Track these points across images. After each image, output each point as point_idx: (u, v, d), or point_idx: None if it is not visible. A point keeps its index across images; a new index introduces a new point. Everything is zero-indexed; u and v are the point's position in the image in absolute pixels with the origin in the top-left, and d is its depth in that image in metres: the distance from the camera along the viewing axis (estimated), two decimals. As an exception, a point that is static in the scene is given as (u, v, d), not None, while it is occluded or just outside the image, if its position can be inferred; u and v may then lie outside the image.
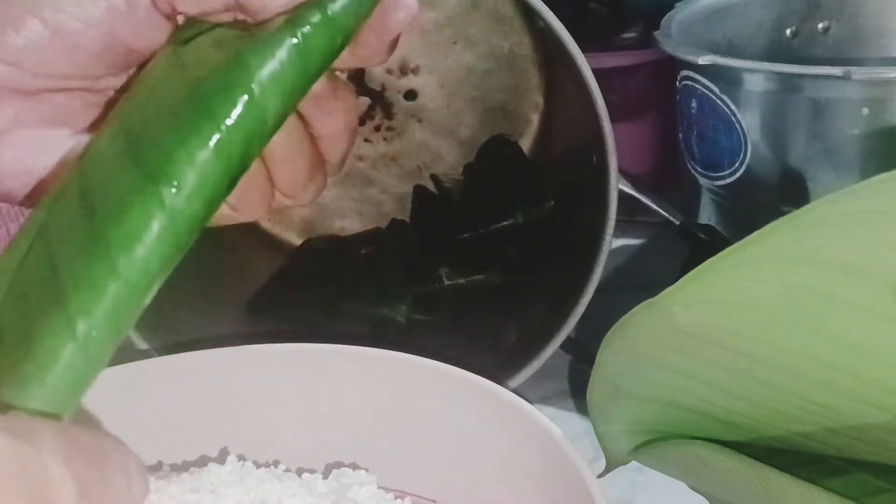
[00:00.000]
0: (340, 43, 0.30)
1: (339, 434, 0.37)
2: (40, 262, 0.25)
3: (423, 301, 0.55)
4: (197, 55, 0.30)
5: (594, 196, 0.46)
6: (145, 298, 0.25)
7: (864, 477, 0.27)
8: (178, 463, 0.37)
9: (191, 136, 0.26)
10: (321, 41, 0.29)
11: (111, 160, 0.27)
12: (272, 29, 0.29)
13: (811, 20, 0.62)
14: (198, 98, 0.27)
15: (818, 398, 0.26)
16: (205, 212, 0.26)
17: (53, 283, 0.24)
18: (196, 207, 0.26)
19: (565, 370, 0.51)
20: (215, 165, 0.26)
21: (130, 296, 0.25)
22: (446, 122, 0.64)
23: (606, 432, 0.33)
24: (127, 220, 0.25)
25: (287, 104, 0.29)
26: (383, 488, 0.35)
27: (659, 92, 0.62)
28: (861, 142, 0.47)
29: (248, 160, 0.28)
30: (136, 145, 0.27)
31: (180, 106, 0.27)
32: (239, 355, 0.37)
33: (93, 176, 0.27)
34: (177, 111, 0.27)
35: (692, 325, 0.27)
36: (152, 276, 0.25)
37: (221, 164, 0.27)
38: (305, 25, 0.28)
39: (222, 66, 0.28)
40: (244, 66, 0.28)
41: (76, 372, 0.24)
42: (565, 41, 0.42)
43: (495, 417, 0.34)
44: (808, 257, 0.24)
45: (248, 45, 0.28)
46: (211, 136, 0.26)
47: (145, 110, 0.28)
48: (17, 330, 0.24)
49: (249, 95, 0.27)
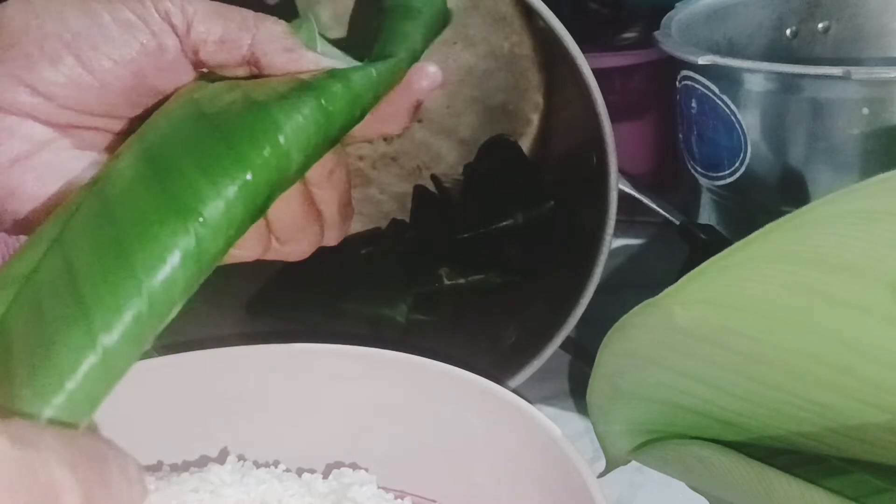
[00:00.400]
0: (359, 113, 0.32)
1: (339, 434, 0.37)
2: (57, 275, 0.26)
3: (423, 301, 0.55)
4: (211, 93, 0.31)
5: (594, 196, 0.46)
6: (165, 320, 0.26)
7: (864, 477, 0.27)
8: (178, 463, 0.37)
9: (219, 176, 0.27)
10: (342, 108, 0.31)
11: (135, 185, 0.28)
12: (295, 87, 0.30)
13: (811, 20, 0.62)
14: (224, 140, 0.28)
15: (818, 398, 0.26)
16: (225, 247, 0.28)
17: (74, 298, 0.25)
18: (219, 243, 0.27)
19: (565, 370, 0.51)
20: (240, 206, 0.28)
21: (152, 317, 0.26)
22: (446, 122, 0.64)
23: (606, 432, 0.33)
24: (154, 246, 0.26)
25: (308, 159, 0.30)
26: (383, 488, 0.35)
27: (659, 92, 0.62)
28: (861, 142, 0.47)
29: (268, 205, 0.29)
30: (162, 174, 0.28)
31: (206, 143, 0.28)
32: (239, 355, 0.38)
33: (115, 198, 0.28)
34: (203, 148, 0.28)
35: (692, 325, 0.27)
36: (173, 301, 0.26)
37: (246, 207, 0.28)
38: (328, 92, 0.30)
39: (246, 113, 0.29)
40: (272, 117, 0.29)
41: (95, 384, 0.25)
42: (565, 41, 0.42)
43: (495, 417, 0.34)
44: (808, 257, 0.24)
45: (273, 99, 0.30)
46: (238, 177, 0.28)
47: (167, 141, 0.29)
48: (31, 339, 0.25)
49: (275, 146, 0.29)
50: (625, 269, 0.61)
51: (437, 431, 0.35)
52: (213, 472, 0.34)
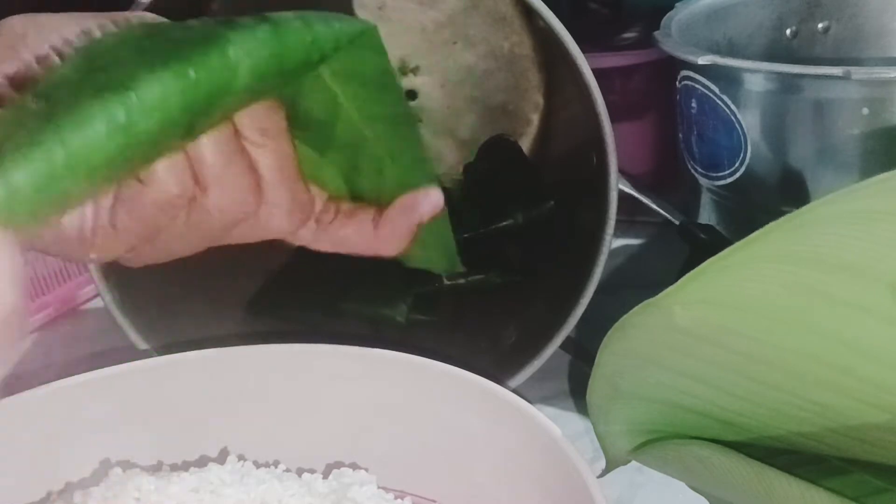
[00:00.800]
0: (318, 57, 0.31)
1: (339, 434, 0.37)
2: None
3: (423, 301, 0.55)
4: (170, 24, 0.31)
5: (594, 196, 0.46)
6: (87, 181, 0.26)
7: (864, 477, 0.27)
8: (178, 463, 0.37)
9: (158, 65, 0.27)
10: (299, 42, 0.30)
11: (72, 74, 0.27)
12: (255, 17, 0.30)
13: (811, 20, 0.62)
14: (172, 43, 0.29)
15: (818, 398, 0.26)
16: (159, 130, 0.27)
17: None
18: (151, 122, 0.27)
19: (565, 370, 0.51)
20: (177, 96, 0.27)
21: (68, 168, 0.25)
22: (446, 122, 0.64)
23: (606, 432, 0.33)
24: (81, 110, 0.26)
25: (258, 84, 0.30)
26: (383, 488, 0.35)
27: (659, 92, 0.62)
28: (861, 142, 0.47)
29: (210, 110, 0.29)
30: (100, 65, 0.28)
31: (153, 47, 0.29)
32: (239, 355, 0.38)
33: (51, 85, 0.27)
34: (149, 49, 0.28)
35: (692, 325, 0.27)
36: (96, 163, 0.26)
37: (185, 99, 0.28)
38: (286, 24, 0.30)
39: (199, 28, 0.29)
40: (223, 34, 0.29)
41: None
42: (565, 41, 0.42)
43: (495, 417, 0.34)
44: (808, 257, 0.24)
45: (227, 23, 0.30)
46: (178, 70, 0.28)
47: (112, 47, 0.29)
48: None
49: (223, 56, 0.28)
50: (625, 269, 0.61)
51: (437, 431, 0.35)
52: (213, 472, 0.34)
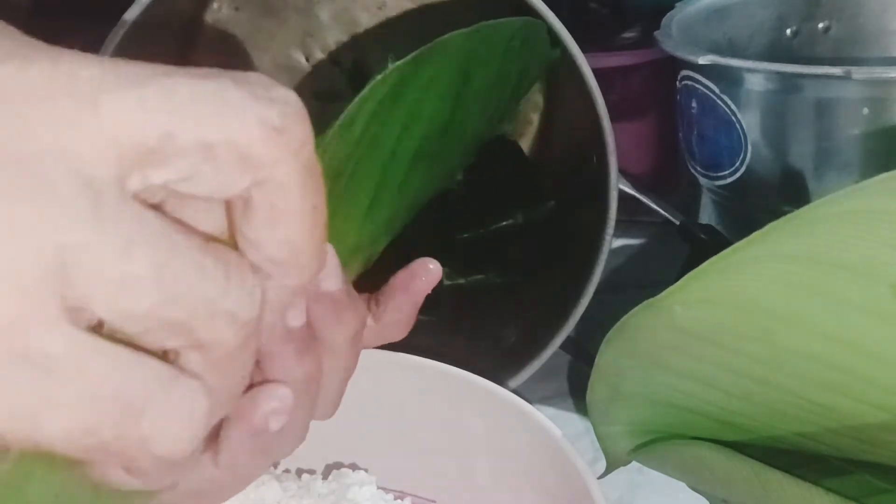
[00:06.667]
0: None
1: (339, 434, 0.37)
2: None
3: (423, 301, 0.55)
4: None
5: (594, 196, 0.46)
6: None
7: (864, 477, 0.27)
8: (177, 463, 0.37)
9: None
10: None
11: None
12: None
13: (811, 20, 0.62)
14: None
15: (818, 398, 0.26)
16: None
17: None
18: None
19: (565, 370, 0.51)
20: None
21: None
22: (446, 122, 0.63)
23: (607, 433, 0.33)
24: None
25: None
26: (383, 488, 0.35)
27: (659, 92, 0.62)
28: (861, 142, 0.47)
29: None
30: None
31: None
32: (239, 355, 0.37)
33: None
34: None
35: (692, 325, 0.27)
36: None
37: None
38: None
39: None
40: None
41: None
42: (565, 41, 0.42)
43: (495, 417, 0.34)
44: (809, 257, 0.24)
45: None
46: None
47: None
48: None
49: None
50: (625, 269, 0.61)
51: (437, 431, 0.35)
52: (213, 472, 0.34)
